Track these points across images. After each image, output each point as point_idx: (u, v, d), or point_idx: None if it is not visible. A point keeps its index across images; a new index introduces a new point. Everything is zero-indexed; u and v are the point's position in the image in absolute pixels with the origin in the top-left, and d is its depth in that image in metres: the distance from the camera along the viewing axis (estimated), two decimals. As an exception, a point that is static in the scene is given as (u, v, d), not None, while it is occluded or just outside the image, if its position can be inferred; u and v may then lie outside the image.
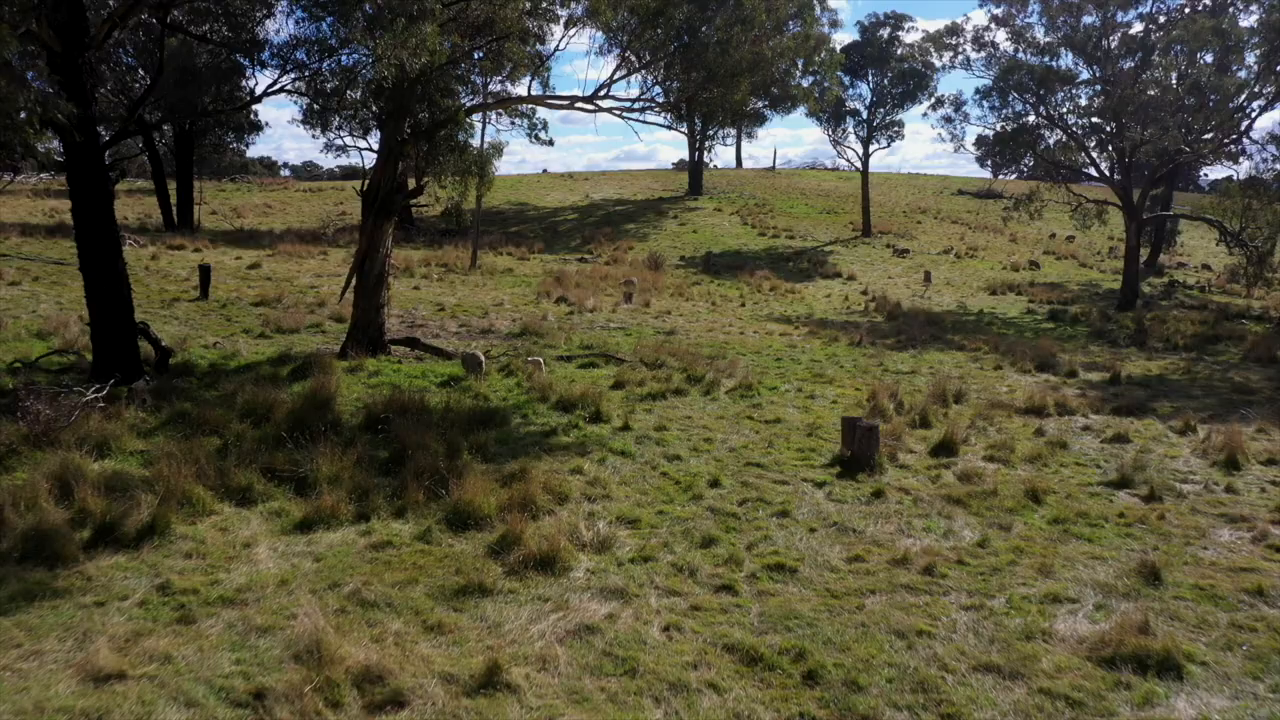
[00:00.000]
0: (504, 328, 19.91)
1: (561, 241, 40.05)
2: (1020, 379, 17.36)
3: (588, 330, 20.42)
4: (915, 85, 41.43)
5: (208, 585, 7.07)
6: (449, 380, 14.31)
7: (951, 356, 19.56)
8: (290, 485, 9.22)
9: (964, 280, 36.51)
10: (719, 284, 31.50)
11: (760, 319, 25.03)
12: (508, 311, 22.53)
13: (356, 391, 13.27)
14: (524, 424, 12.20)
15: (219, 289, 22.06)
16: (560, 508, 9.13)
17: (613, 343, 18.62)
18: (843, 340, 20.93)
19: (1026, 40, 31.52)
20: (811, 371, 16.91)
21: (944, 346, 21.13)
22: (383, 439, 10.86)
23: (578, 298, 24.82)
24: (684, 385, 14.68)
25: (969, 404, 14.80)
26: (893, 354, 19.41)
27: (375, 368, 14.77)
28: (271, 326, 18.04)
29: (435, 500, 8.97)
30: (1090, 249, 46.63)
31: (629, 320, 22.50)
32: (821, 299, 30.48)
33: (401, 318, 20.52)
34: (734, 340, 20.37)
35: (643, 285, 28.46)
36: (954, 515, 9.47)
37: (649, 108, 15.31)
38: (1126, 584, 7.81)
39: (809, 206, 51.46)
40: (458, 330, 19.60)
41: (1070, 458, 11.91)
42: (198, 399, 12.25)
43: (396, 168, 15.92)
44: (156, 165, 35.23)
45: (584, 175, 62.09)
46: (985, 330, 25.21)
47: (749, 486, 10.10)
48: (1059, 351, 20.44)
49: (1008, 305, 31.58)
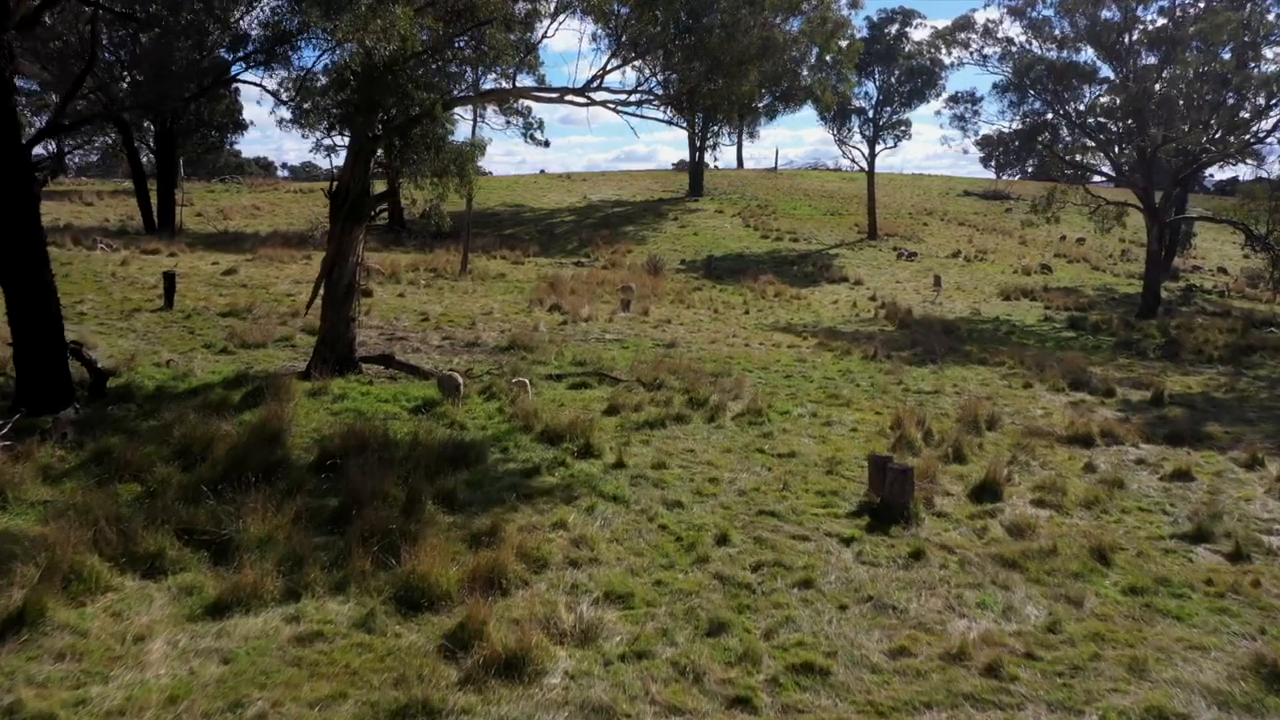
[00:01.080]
0: (491, 340, 18.24)
1: (558, 244, 38.38)
2: (1054, 399, 15.71)
3: (581, 342, 18.76)
4: (923, 83, 39.73)
5: (70, 707, 5.41)
6: (423, 405, 12.65)
7: (975, 372, 17.89)
8: (211, 550, 7.57)
9: (975, 285, 34.85)
10: (721, 290, 29.84)
11: (765, 328, 23.38)
12: (497, 321, 20.87)
13: (316, 420, 11.62)
14: (503, 461, 10.54)
15: (187, 297, 20.40)
16: (537, 577, 7.47)
17: (608, 357, 16.96)
18: (855, 354, 19.27)
19: (1043, 34, 29.84)
20: (825, 391, 15.24)
21: (965, 360, 19.47)
22: (334, 483, 9.21)
23: (572, 305, 23.16)
24: (685, 410, 13.02)
25: (1004, 431, 13.14)
26: (911, 370, 17.74)
27: (342, 390, 13.11)
28: (237, 340, 16.37)
29: (385, 570, 7.31)
30: (1102, 252, 44.96)
31: (626, 331, 20.85)
32: (829, 305, 28.81)
33: (381, 329, 18.86)
34: (739, 354, 18.71)
35: (641, 291, 26.79)
36: (1011, 583, 7.81)
37: (646, 101, 13.69)
38: (1245, 691, 6.16)
39: (812, 208, 49.79)
40: (441, 344, 17.93)
41: (1130, 500, 10.26)
42: (131, 431, 10.60)
43: (367, 167, 14.27)
44: (136, 165, 33.55)
45: (582, 176, 60.36)
46: (1004, 340, 23.56)
47: (763, 544, 8.44)
48: (1089, 365, 18.78)
49: (1023, 311, 29.91)
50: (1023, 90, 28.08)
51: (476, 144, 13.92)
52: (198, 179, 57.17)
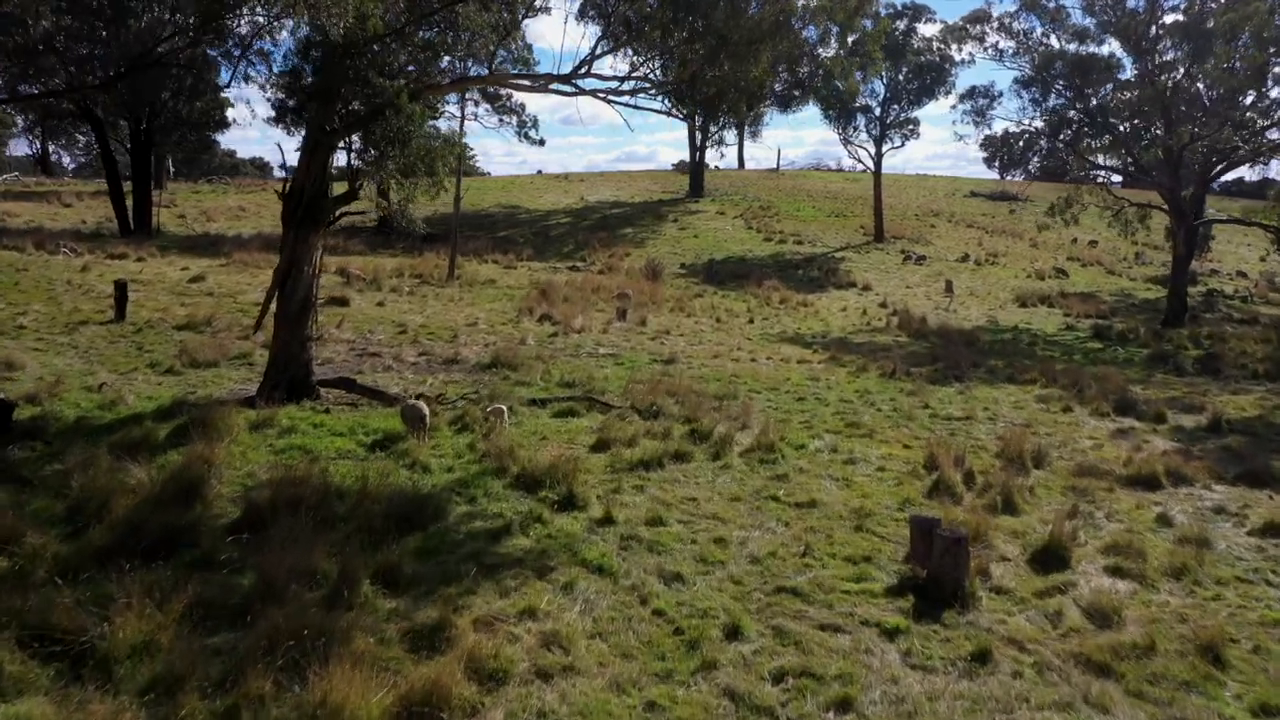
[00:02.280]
0: (473, 357, 16.39)
1: (553, 247, 36.54)
2: (1099, 425, 13.86)
3: (572, 358, 16.93)
4: (933, 80, 37.84)
5: None
6: (383, 440, 10.81)
7: (1005, 393, 16.04)
8: (68, 662, 5.74)
9: (988, 290, 33.01)
10: (723, 296, 28.01)
11: (772, 339, 21.54)
12: (482, 333, 19.03)
13: (252, 462, 9.78)
14: (468, 517, 8.69)
15: (145, 307, 18.59)
16: (490, 699, 5.64)
17: (600, 377, 15.12)
18: (872, 370, 17.42)
19: (1063, 25, 27.96)
20: (843, 418, 13.39)
21: (991, 377, 17.62)
22: (253, 552, 7.38)
23: (564, 315, 21.32)
24: (686, 445, 11.17)
25: (1053, 469, 11.29)
26: (935, 390, 15.89)
27: (291, 421, 11.27)
28: (187, 358, 14.54)
29: (287, 694, 5.48)
30: (1115, 254, 43.13)
31: (622, 343, 19.01)
32: (837, 313, 26.97)
33: (353, 344, 17.02)
34: (745, 371, 16.87)
35: (638, 299, 24.96)
36: (1108, 701, 5.97)
37: (641, 90, 11.81)
38: None
39: (816, 209, 47.93)
40: (417, 360, 16.09)
41: (1224, 566, 8.42)
42: (23, 480, 8.77)
43: (326, 164, 12.44)
44: (110, 165, 31.69)
45: (579, 176, 58.43)
46: (1028, 353, 21.72)
47: (786, 639, 6.60)
48: (1127, 384, 16.96)
49: (1042, 319, 28.07)
50: (1045, 85, 26.19)
51: (450, 140, 12.08)
52: (188, 179, 55.38)
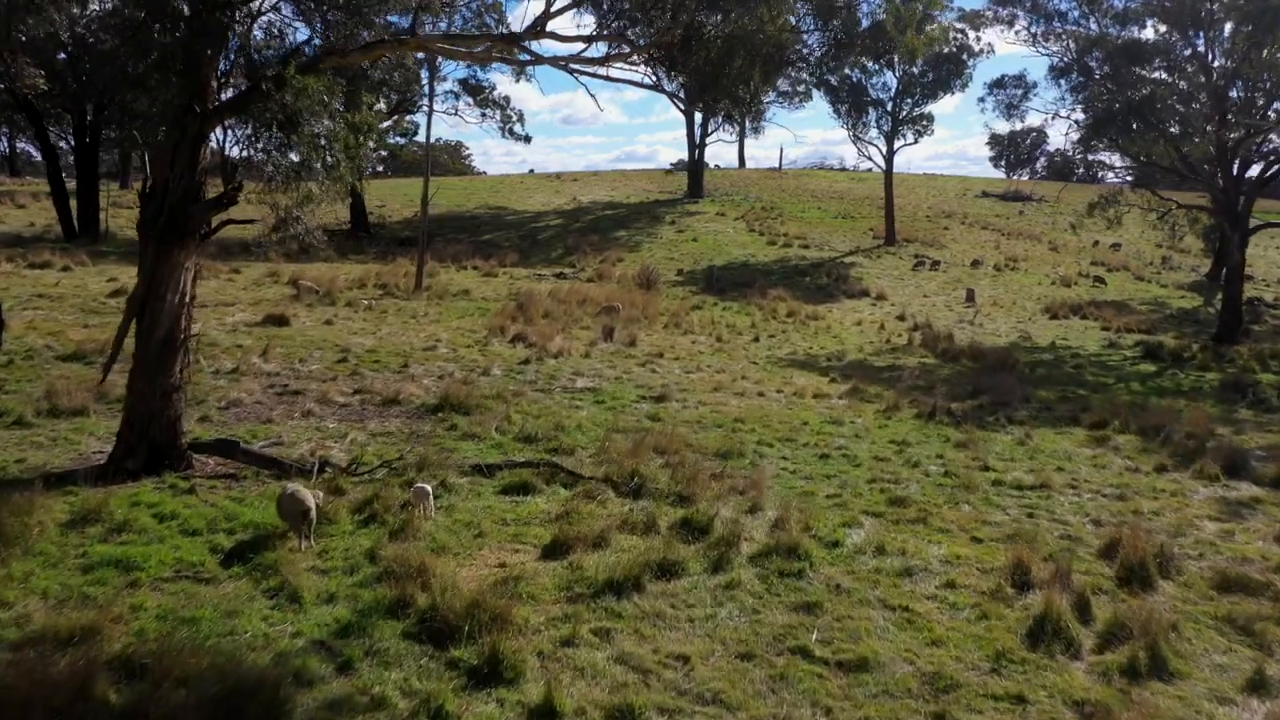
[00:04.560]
0: (419, 395, 13.09)
1: (540, 252, 33.26)
2: (1211, 494, 10.57)
3: (543, 394, 13.67)
4: (949, 72, 34.51)
5: None
6: (251, 543, 7.56)
7: (1073, 440, 12.77)
8: None
9: (1012, 299, 29.70)
10: (725, 308, 24.71)
11: (781, 363, 18.27)
12: (439, 361, 15.75)
13: (36, 591, 6.52)
14: (327, 712, 5.42)
15: (39, 329, 15.36)
16: None
17: (572, 424, 11.85)
18: (905, 409, 14.13)
19: (1099, 7, 24.64)
20: (883, 489, 10.10)
21: (1046, 413, 14.35)
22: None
23: (542, 335, 18.05)
24: (676, 545, 7.89)
25: (1186, 579, 8.00)
26: (987, 436, 12.62)
27: (128, 513, 7.97)
28: (48, 404, 11.24)
29: None
30: (1141, 259, 39.81)
31: (605, 372, 15.74)
32: (851, 328, 23.68)
33: (273, 378, 13.70)
34: (751, 410, 13.59)
35: (629, 313, 21.69)
36: None
37: (616, 55, 8.53)
38: None
39: (822, 210, 44.59)
40: (348, 401, 12.79)
41: None
42: None
43: (196, 158, 9.17)
44: (51, 163, 28.46)
45: (572, 176, 55.01)
46: (1076, 378, 18.45)
47: None
48: (1214, 424, 13.72)
49: (1079, 333, 24.78)
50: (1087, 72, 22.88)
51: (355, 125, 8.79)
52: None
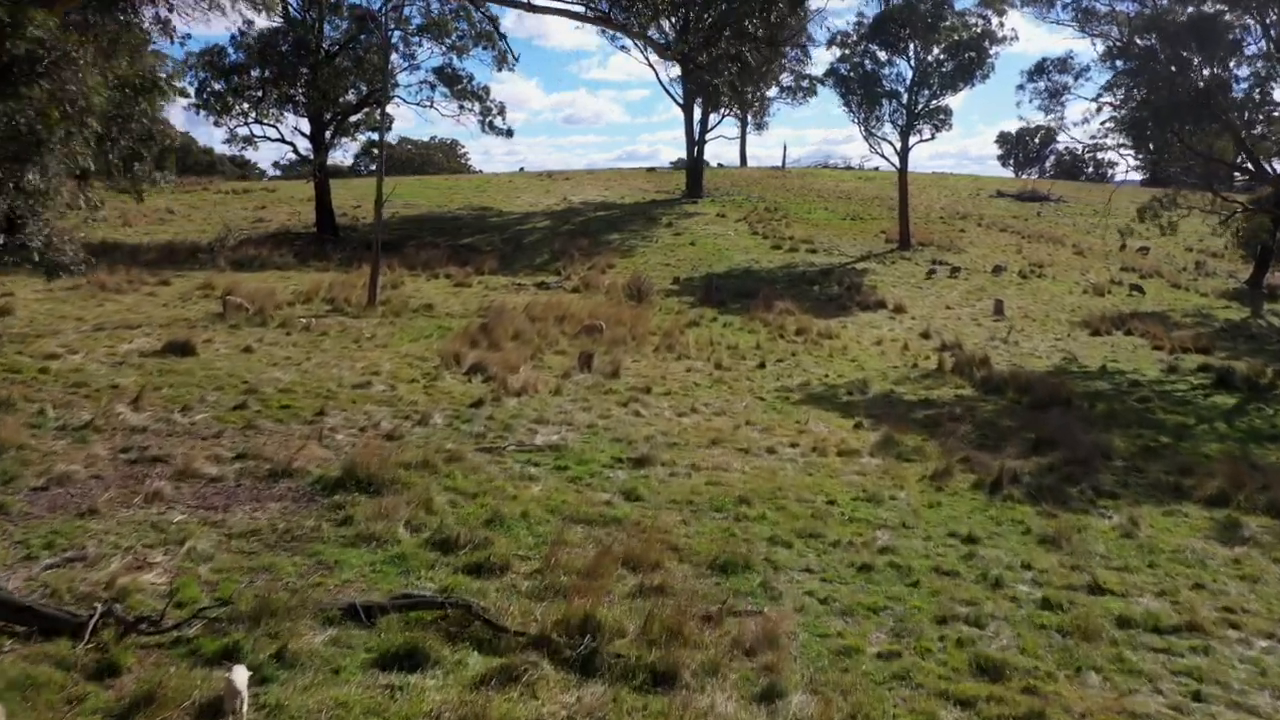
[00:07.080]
0: (318, 465, 9.64)
1: (524, 257, 29.86)
2: None
3: (486, 458, 10.26)
4: (972, 60, 31.05)
5: None
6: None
7: (1190, 528, 9.38)
8: None
9: (1043, 310, 26.29)
10: (725, 324, 21.33)
11: (793, 400, 14.89)
12: (369, 404, 12.34)
13: None
14: None
15: None
16: None
17: (514, 515, 8.43)
18: (958, 474, 10.75)
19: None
20: (961, 644, 6.66)
21: (1138, 477, 10.97)
22: None
23: (505, 365, 14.66)
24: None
25: None
26: (1079, 521, 9.23)
27: None
28: None
29: None
30: (1173, 263, 36.39)
31: (576, 417, 12.34)
32: (871, 348, 20.28)
33: (132, 438, 10.23)
34: (759, 482, 10.18)
35: (614, 333, 18.33)
36: None
37: None
38: None
39: (829, 211, 41.13)
40: (220, 474, 9.34)
41: None
42: None
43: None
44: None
45: (564, 174, 51.50)
46: (1146, 417, 15.06)
47: None
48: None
49: (1128, 353, 21.39)
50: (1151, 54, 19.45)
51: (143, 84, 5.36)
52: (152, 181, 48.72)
